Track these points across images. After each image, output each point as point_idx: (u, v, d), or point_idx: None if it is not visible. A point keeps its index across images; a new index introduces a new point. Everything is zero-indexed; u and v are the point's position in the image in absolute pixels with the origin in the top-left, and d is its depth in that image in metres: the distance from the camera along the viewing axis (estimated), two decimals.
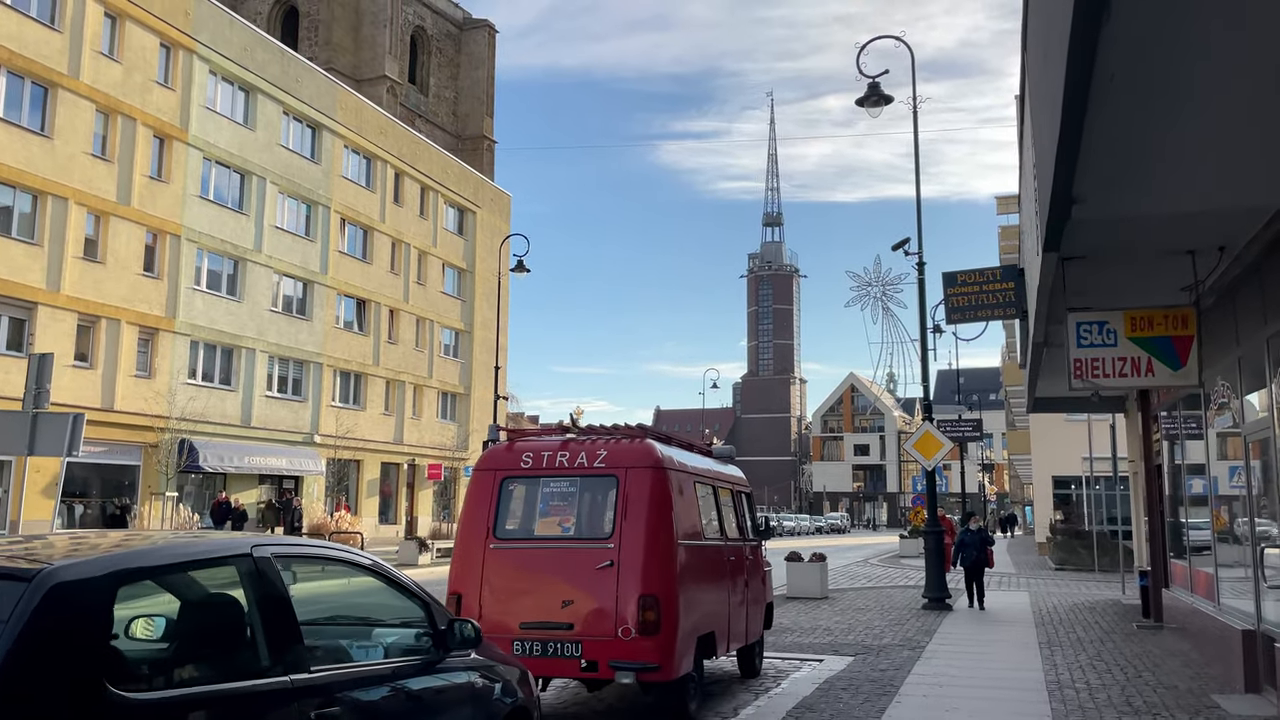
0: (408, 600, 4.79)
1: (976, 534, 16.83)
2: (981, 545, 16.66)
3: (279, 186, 36.69)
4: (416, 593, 4.82)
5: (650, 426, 8.62)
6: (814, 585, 18.87)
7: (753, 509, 11.06)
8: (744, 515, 10.51)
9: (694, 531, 8.37)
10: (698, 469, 9.00)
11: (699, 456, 9.53)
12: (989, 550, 16.91)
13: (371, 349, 41.97)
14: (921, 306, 17.66)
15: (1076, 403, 19.74)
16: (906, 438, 17.29)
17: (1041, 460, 38.90)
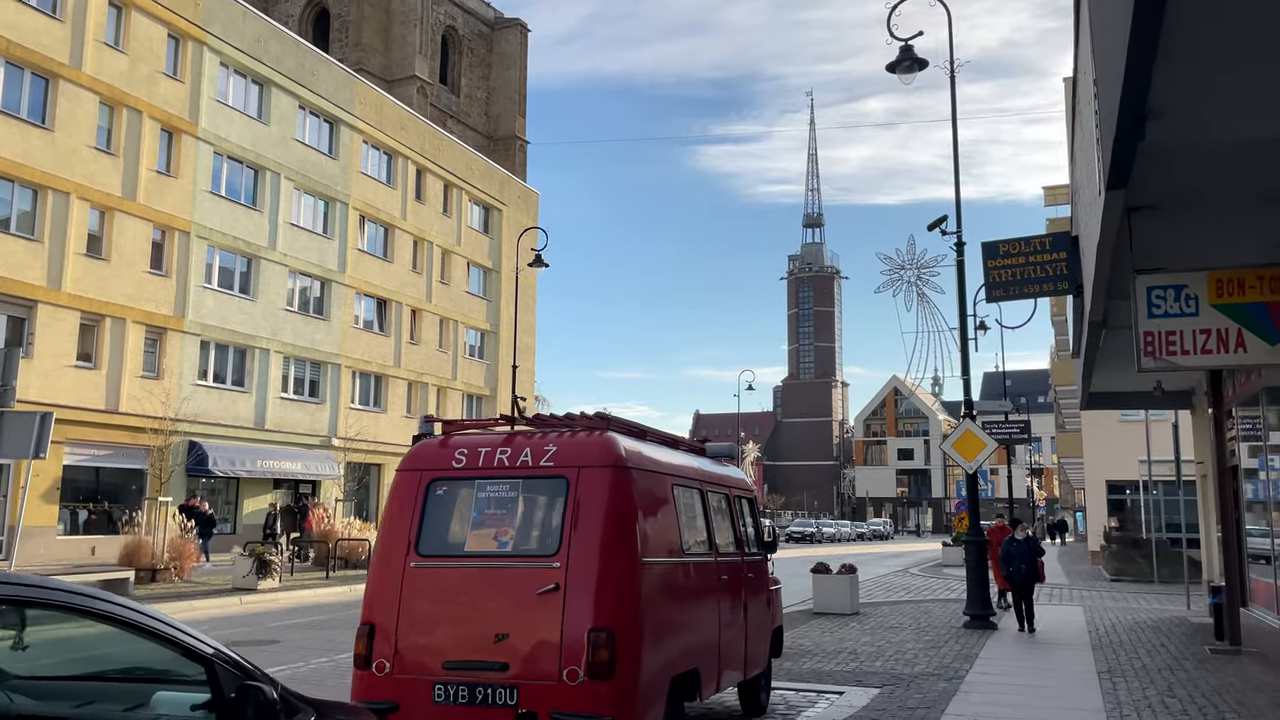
0: (175, 654, 3.28)
1: (1025, 544, 14.49)
2: (1031, 557, 14.40)
3: (294, 182, 35.65)
4: (194, 646, 3.30)
5: (616, 416, 7.03)
6: (843, 599, 17.15)
7: (757, 517, 9.45)
8: (743, 525, 8.90)
9: (669, 545, 6.78)
10: (678, 469, 7.42)
11: (683, 454, 7.95)
12: (1039, 563, 14.67)
13: (393, 350, 40.82)
14: (961, 291, 15.91)
15: (1136, 398, 17.85)
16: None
17: (1094, 464, 36.67)
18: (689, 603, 7.04)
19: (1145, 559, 28.58)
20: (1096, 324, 10.02)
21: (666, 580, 6.60)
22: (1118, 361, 13.78)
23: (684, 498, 7.48)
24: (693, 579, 7.20)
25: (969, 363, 15.93)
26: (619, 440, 6.49)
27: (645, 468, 6.64)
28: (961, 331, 15.93)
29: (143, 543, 21.66)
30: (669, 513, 6.91)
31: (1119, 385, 16.87)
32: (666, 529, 6.78)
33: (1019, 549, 14.46)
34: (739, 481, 9.15)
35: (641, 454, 6.69)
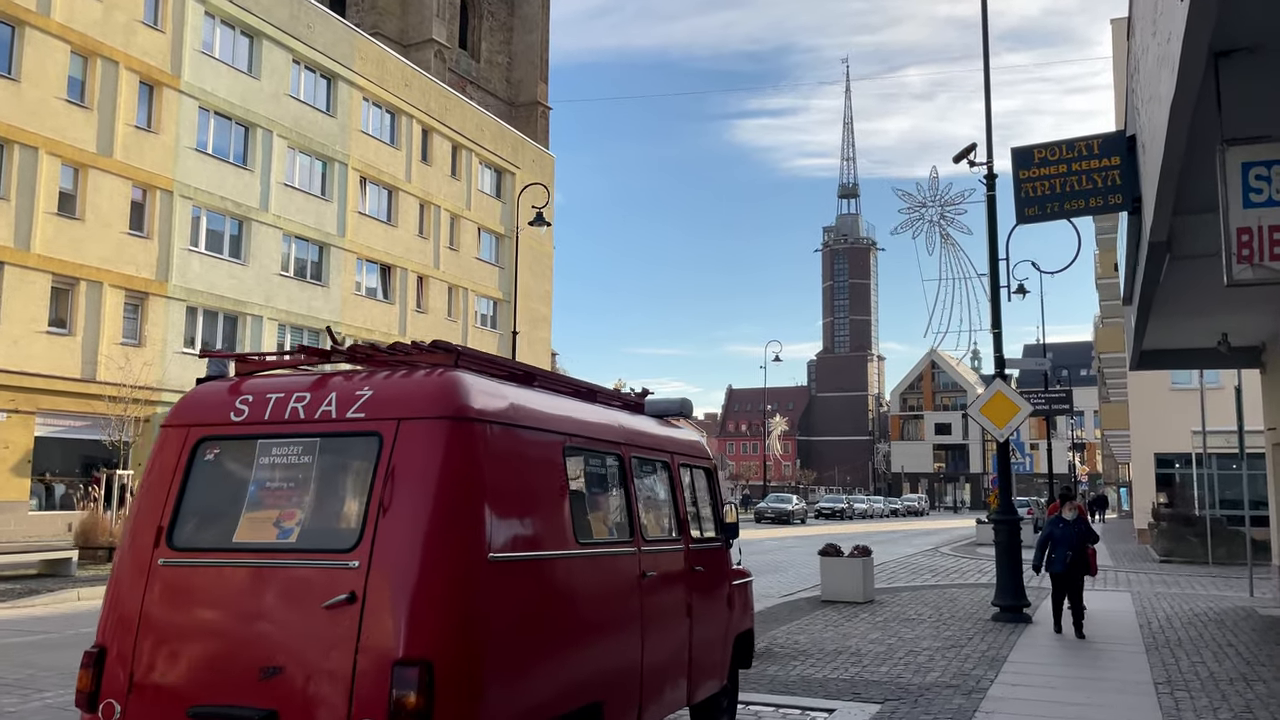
0: None
1: (1073, 526, 11.41)
2: (1080, 543, 11.40)
3: (288, 140, 33.87)
4: None
5: (474, 350, 4.99)
6: (854, 586, 15.08)
7: (715, 494, 7.42)
8: (691, 503, 6.87)
9: (546, 534, 4.76)
10: (578, 427, 5.38)
11: (596, 408, 5.91)
12: (1091, 551, 11.66)
13: (397, 318, 39.10)
14: (992, 231, 13.67)
15: (1196, 356, 15.53)
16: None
17: (1141, 435, 34.14)
18: (584, 613, 5.03)
19: (1198, 538, 26.17)
20: (1159, 247, 7.83)
21: (539, 584, 4.59)
22: (1180, 305, 11.56)
23: (586, 467, 5.47)
24: (593, 579, 5.19)
25: (1000, 313, 13.73)
26: (465, 381, 4.46)
27: (509, 422, 4.62)
28: (992, 278, 13.71)
29: (100, 520, 20.05)
30: (552, 488, 4.89)
31: (1177, 340, 14.60)
32: (543, 511, 4.77)
33: (1065, 532, 11.46)
34: (689, 446, 7.11)
35: (505, 403, 4.66)
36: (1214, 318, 12.97)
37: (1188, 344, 14.91)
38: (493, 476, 4.37)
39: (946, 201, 13.99)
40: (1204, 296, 11.14)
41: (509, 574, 4.34)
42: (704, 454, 7.30)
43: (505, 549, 4.34)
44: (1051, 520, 11.86)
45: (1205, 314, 12.61)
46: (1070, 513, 11.66)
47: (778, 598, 16.28)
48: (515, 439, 4.63)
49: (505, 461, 4.50)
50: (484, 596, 4.16)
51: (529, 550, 4.55)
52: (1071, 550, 11.38)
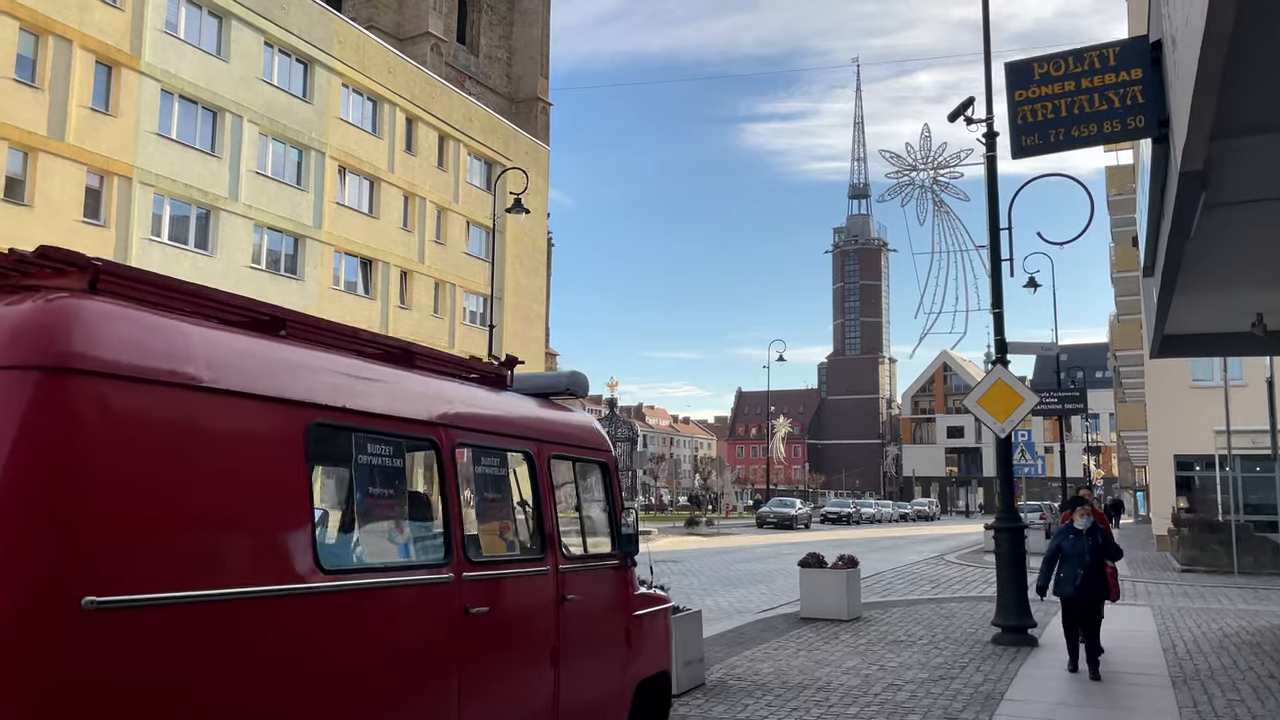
0: None
1: (1087, 538, 9.18)
2: (1095, 559, 9.15)
3: (260, 127, 32.32)
4: None
5: (128, 267, 3.26)
6: (836, 601, 13.32)
7: (612, 498, 5.71)
8: (571, 510, 5.17)
9: (260, 558, 3.07)
10: (338, 393, 3.66)
11: (391, 371, 4.20)
12: (1111, 570, 9.64)
13: (379, 314, 37.50)
14: (992, 197, 11.92)
15: (1225, 342, 13.70)
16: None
17: (1160, 437, 32.21)
18: (334, 678, 3.32)
19: (1223, 546, 24.27)
20: (1192, 181, 6.06)
21: (217, 641, 2.89)
22: (1212, 274, 9.79)
23: (362, 457, 3.78)
24: (360, 626, 3.49)
25: (1001, 290, 11.96)
26: (85, 313, 2.77)
27: (176, 381, 2.92)
28: (993, 250, 11.94)
29: None
30: (272, 488, 3.20)
31: (1204, 322, 12.79)
32: (247, 524, 3.07)
33: (1077, 545, 9.14)
34: (572, 433, 5.40)
35: (168, 350, 2.96)
36: (1250, 294, 11.18)
37: (1216, 327, 13.10)
38: (119, 466, 2.68)
39: (940, 164, 12.23)
40: (1242, 261, 9.37)
41: (137, 629, 2.63)
42: (594, 443, 5.59)
43: (135, 585, 2.64)
44: (1060, 531, 9.58)
45: (1240, 288, 10.82)
46: (1083, 520, 9.31)
47: (754, 614, 14.53)
48: (188, 409, 2.93)
49: (155, 443, 2.80)
50: (79, 671, 2.46)
51: (195, 587, 2.84)
52: (1084, 569, 9.05)
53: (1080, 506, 9.90)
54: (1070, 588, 9.19)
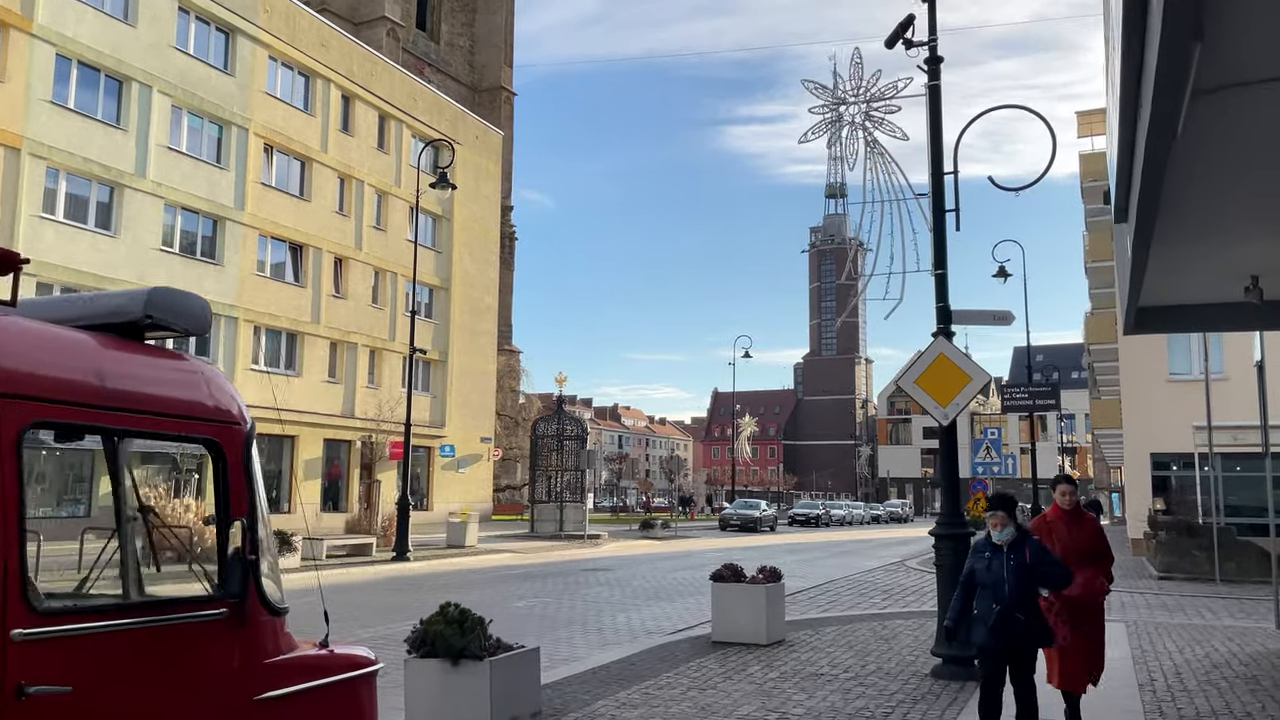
0: None
1: (1008, 557, 6.14)
2: (1021, 586, 6.10)
3: (172, 98, 29.91)
4: None
5: None
6: (753, 623, 11.17)
7: (230, 501, 3.51)
8: (117, 520, 2.99)
9: None
10: None
11: None
12: (1048, 604, 6.66)
13: (310, 303, 35.13)
14: (935, 136, 9.82)
15: (1211, 314, 11.63)
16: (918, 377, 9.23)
17: (1136, 434, 30.33)
18: None
19: (1204, 551, 22.36)
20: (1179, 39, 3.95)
21: None
22: (1200, 214, 7.73)
23: None
24: None
25: (945, 247, 9.85)
26: None
27: None
28: (935, 198, 9.83)
29: None
30: None
31: (1187, 288, 10.73)
32: None
33: (992, 568, 6.13)
34: (124, 390, 3.18)
35: None
36: (1245, 247, 9.12)
37: (1200, 296, 11.05)
38: None
39: (873, 96, 10.09)
40: (1240, 196, 7.31)
41: None
42: (182, 410, 3.38)
43: None
44: (976, 546, 6.42)
45: (1234, 238, 8.77)
46: (1003, 531, 6.09)
47: (663, 636, 12.36)
48: None
49: None
50: None
51: None
52: (1002, 604, 6.01)
53: (1065, 485, 7.45)
54: (981, 632, 6.15)
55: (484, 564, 23.90)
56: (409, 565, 22.32)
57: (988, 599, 6.16)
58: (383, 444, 37.53)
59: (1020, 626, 6.06)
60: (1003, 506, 6.22)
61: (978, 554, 6.37)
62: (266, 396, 32.85)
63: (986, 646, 6.19)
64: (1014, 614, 6.04)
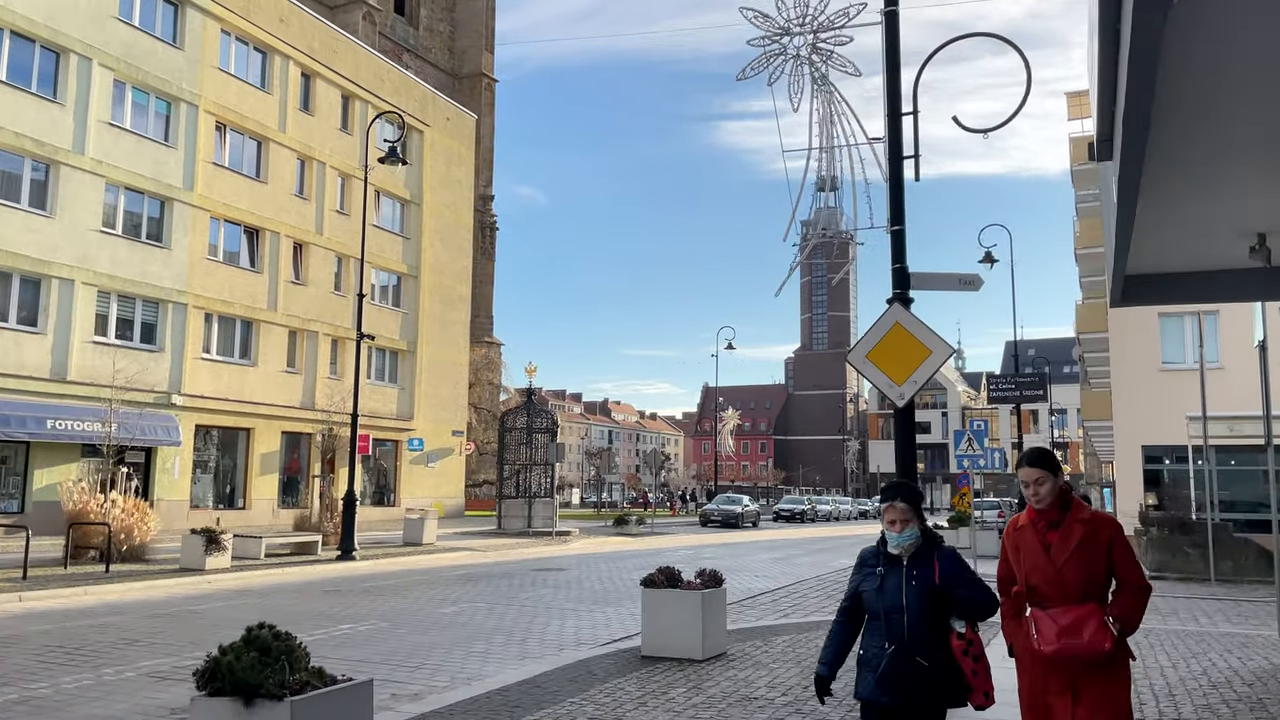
0: None
1: (909, 574, 4.18)
2: (925, 612, 4.13)
3: (115, 72, 28.35)
4: None
5: None
6: (688, 635, 9.77)
7: None
8: None
9: None
10: None
11: None
12: (960, 642, 4.13)
13: (266, 289, 33.59)
14: (893, 69, 8.42)
15: (1208, 283, 10.23)
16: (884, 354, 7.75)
17: (1127, 426, 29.01)
18: None
19: (1197, 549, 21.03)
20: None
21: None
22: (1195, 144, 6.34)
23: None
24: None
25: (903, 199, 8.45)
26: None
27: None
28: (891, 142, 8.42)
29: None
30: None
31: (1181, 251, 9.34)
32: None
33: (889, 589, 4.20)
34: None
35: None
36: (1249, 200, 7.72)
37: (1197, 260, 9.66)
38: None
39: (821, 25, 8.65)
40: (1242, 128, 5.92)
41: None
42: None
43: None
44: (863, 557, 4.43)
45: (1238, 182, 7.36)
46: (901, 535, 4.24)
47: (589, 648, 10.95)
48: None
49: None
50: None
51: None
52: (898, 641, 4.13)
53: (1032, 469, 4.36)
54: (869, 682, 4.19)
55: (434, 563, 22.48)
56: (353, 565, 20.90)
57: (877, 635, 4.19)
58: (344, 437, 35.97)
59: (921, 676, 4.05)
60: (904, 496, 4.25)
61: (865, 569, 4.35)
62: (219, 386, 31.36)
63: (872, 701, 4.17)
64: (913, 658, 4.08)
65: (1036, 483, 4.33)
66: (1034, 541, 4.33)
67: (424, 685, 8.85)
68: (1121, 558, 4.24)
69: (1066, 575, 4.19)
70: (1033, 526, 4.38)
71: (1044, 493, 4.32)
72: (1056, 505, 4.33)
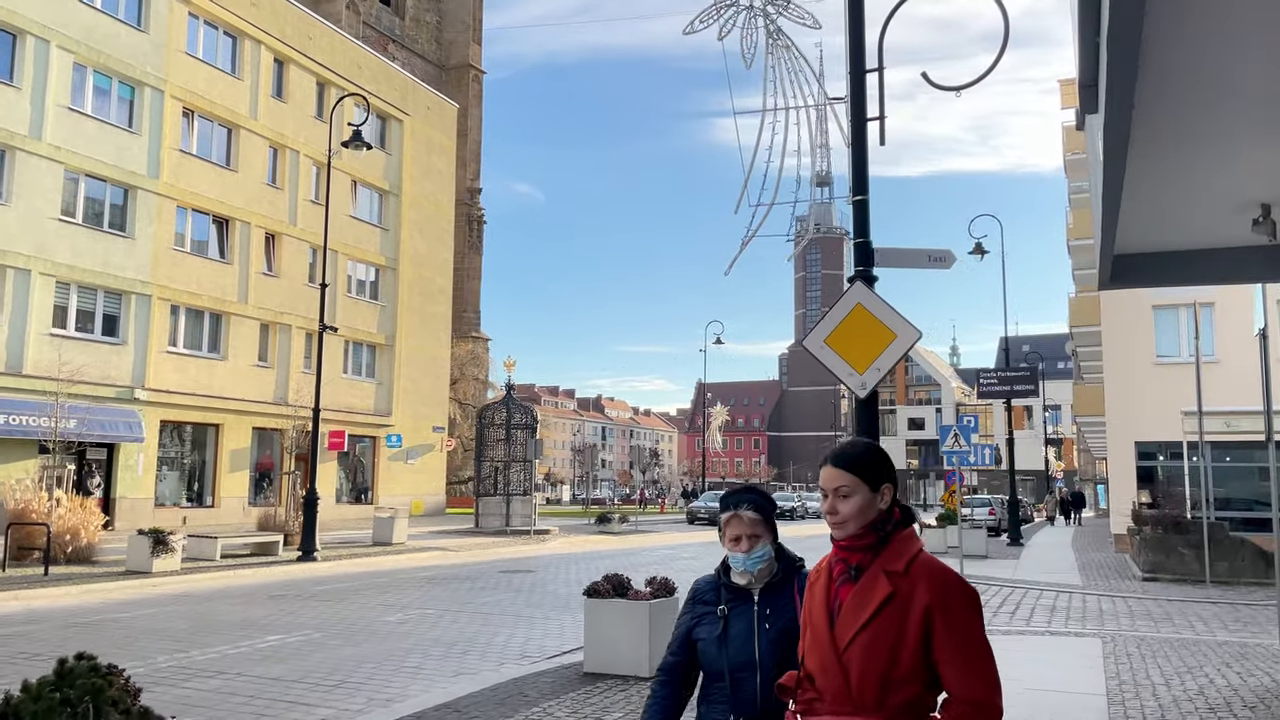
0: None
1: (758, 611, 2.94)
2: (778, 660, 2.87)
3: (75, 55, 27.37)
4: None
5: None
6: (634, 650, 8.90)
7: None
8: None
9: None
10: None
11: None
12: None
13: (236, 281, 32.63)
14: (855, 19, 7.54)
15: (1205, 262, 9.33)
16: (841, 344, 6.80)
17: (1120, 421, 28.17)
18: None
19: (1192, 549, 20.18)
20: None
21: None
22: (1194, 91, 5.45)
23: None
24: None
25: (866, 165, 7.56)
26: None
27: None
28: (854, 103, 7.54)
29: None
30: None
31: (1177, 226, 8.46)
32: None
33: (736, 628, 2.94)
34: None
35: None
36: (1253, 159, 6.84)
37: (1192, 236, 8.79)
38: None
39: None
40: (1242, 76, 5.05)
41: None
42: None
43: None
44: (698, 587, 3.11)
45: (1239, 143, 6.48)
46: (749, 557, 2.96)
47: (532, 663, 10.07)
48: None
49: None
50: None
51: None
52: (742, 712, 2.86)
53: (832, 467, 2.63)
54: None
55: (399, 564, 21.58)
56: (312, 567, 20.00)
57: (718, 703, 2.93)
58: (320, 433, 35.02)
59: None
60: (752, 502, 3.01)
61: (700, 607, 3.05)
62: (185, 381, 30.42)
63: None
64: None
65: (837, 493, 2.52)
66: (819, 602, 2.54)
67: (334, 709, 7.96)
68: (949, 646, 2.36)
69: (850, 666, 2.40)
70: (828, 575, 2.57)
71: (847, 512, 2.49)
72: (869, 540, 2.49)
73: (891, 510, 2.54)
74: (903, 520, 2.54)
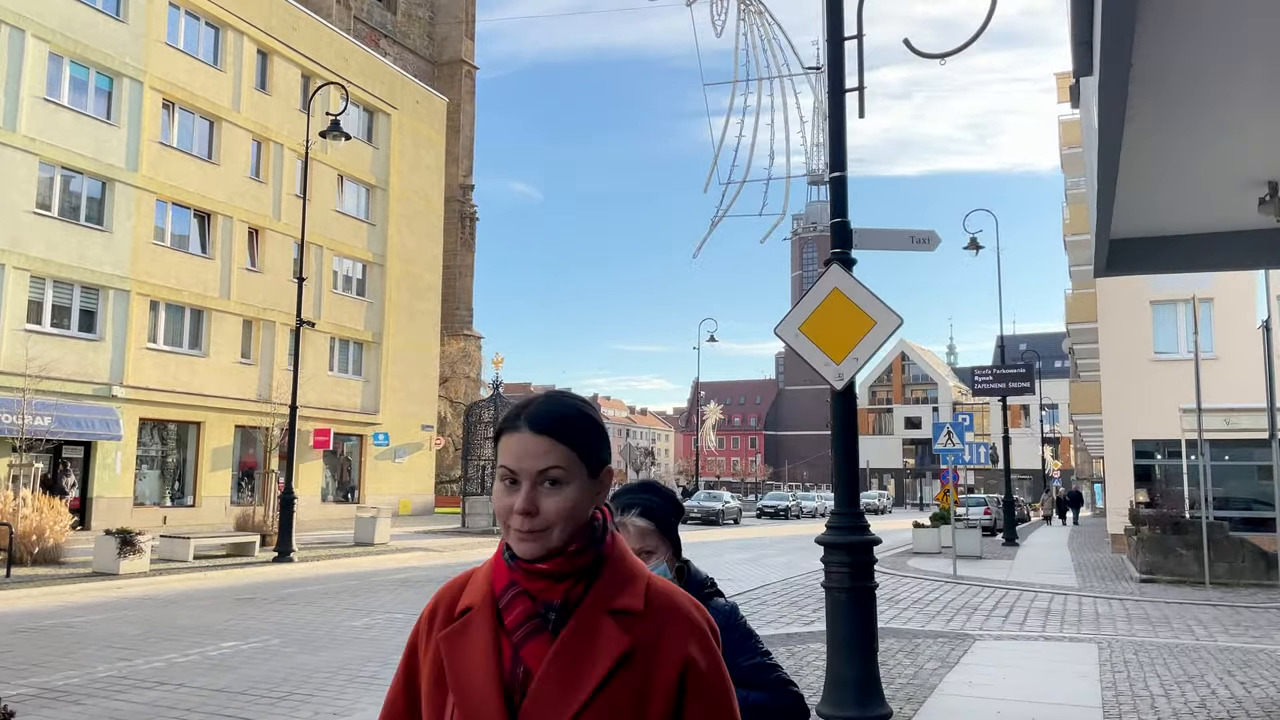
0: None
1: None
2: None
3: (51, 45, 26.78)
4: None
5: None
6: None
7: None
8: None
9: None
10: None
11: None
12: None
13: (218, 276, 32.04)
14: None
15: (1207, 246, 8.79)
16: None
17: (1117, 419, 27.66)
18: None
19: (1191, 550, 19.67)
20: None
21: None
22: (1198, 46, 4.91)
23: None
24: None
25: (844, 138, 7.02)
26: None
27: None
28: (831, 74, 7.00)
29: None
30: None
31: (1178, 208, 7.92)
32: None
33: None
34: None
35: None
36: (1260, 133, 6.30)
37: (1193, 219, 8.25)
38: None
39: None
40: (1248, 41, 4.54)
41: None
42: None
43: None
44: None
45: (1245, 115, 5.95)
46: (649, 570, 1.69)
47: None
48: None
49: None
50: None
51: None
52: None
53: None
54: None
55: (377, 565, 21.04)
56: (287, 568, 19.45)
57: None
58: (305, 431, 34.53)
59: None
60: (645, 507, 2.32)
61: None
62: (165, 378, 29.84)
63: None
64: None
65: (542, 477, 1.48)
66: (480, 670, 1.47)
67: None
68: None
69: None
70: (491, 623, 1.50)
71: (554, 511, 1.46)
72: (584, 560, 1.50)
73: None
74: (605, 524, 1.56)
